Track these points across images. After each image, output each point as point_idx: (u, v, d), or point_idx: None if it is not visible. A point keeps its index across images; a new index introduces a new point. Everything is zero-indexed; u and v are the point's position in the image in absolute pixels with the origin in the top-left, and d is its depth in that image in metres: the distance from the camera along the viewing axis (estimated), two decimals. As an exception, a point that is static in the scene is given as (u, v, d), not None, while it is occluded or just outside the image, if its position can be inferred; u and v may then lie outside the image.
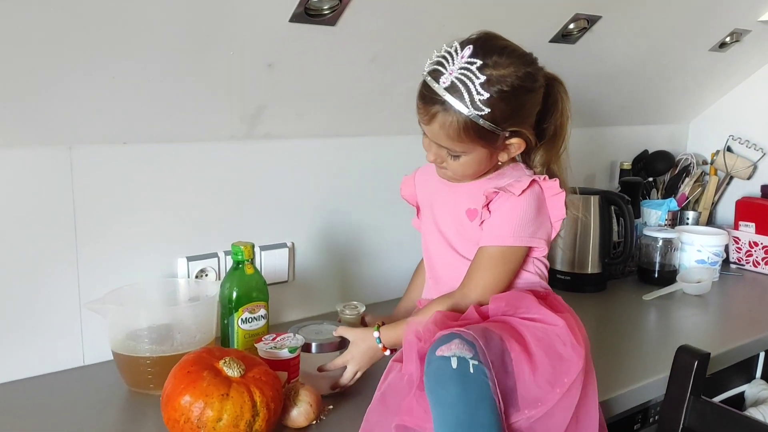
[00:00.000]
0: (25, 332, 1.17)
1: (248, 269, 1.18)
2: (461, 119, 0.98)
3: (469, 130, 0.98)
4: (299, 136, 1.44)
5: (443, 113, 0.99)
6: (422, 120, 1.03)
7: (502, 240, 1.04)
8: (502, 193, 1.03)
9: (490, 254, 1.05)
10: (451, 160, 1.05)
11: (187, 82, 1.19)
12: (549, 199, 1.06)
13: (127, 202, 1.25)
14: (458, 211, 1.10)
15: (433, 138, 1.03)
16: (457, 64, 0.97)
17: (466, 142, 1.00)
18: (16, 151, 1.13)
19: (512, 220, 1.03)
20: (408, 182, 1.25)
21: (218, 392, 0.91)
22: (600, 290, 1.75)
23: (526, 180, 1.04)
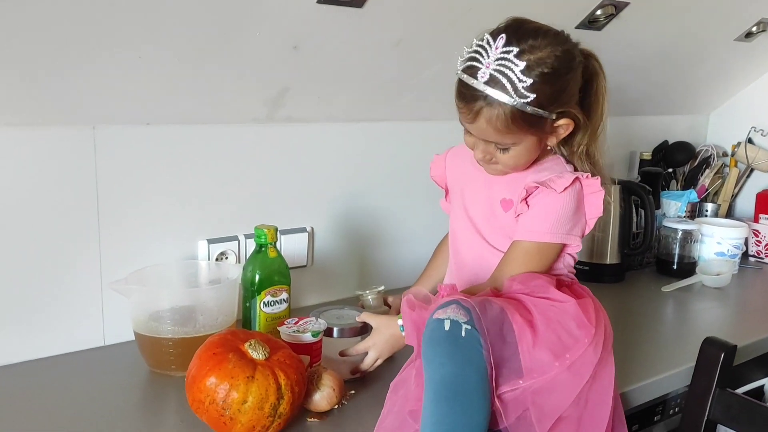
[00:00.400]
0: (47, 311, 1.18)
1: (271, 252, 1.18)
2: (507, 110, 0.95)
3: (517, 120, 0.96)
4: (321, 120, 1.43)
5: (488, 108, 0.96)
6: (465, 119, 1.00)
7: (539, 236, 1.02)
8: (542, 188, 1.01)
9: (525, 249, 1.03)
10: (501, 154, 1.02)
11: (212, 63, 1.18)
12: (587, 197, 1.04)
13: (150, 183, 1.25)
14: (492, 200, 1.09)
15: (480, 135, 1.01)
16: (492, 56, 0.95)
17: (516, 133, 0.98)
18: (39, 131, 1.13)
19: (551, 217, 1.02)
20: (439, 162, 1.22)
21: (244, 374, 0.91)
22: (618, 281, 1.74)
23: (569, 177, 1.01)
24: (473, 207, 1.12)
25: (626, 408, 1.11)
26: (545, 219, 1.02)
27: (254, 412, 0.90)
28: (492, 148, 1.02)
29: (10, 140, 1.10)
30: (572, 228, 1.04)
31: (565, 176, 1.02)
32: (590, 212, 1.05)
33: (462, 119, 1.01)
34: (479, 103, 0.96)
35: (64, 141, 1.15)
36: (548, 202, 1.01)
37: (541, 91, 0.95)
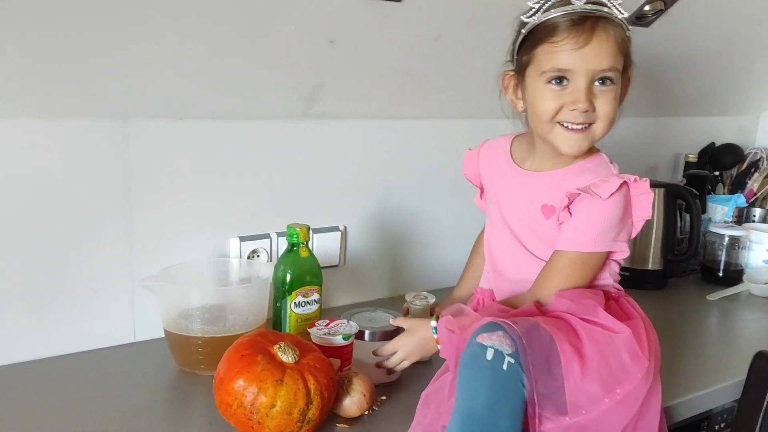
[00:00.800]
0: (78, 306, 1.17)
1: (303, 252, 1.15)
2: (618, 29, 0.93)
3: (625, 42, 0.94)
4: (356, 116, 1.40)
5: (603, 22, 0.92)
6: (578, 43, 0.92)
7: (583, 245, 0.97)
8: (585, 195, 0.95)
9: (568, 259, 0.97)
10: (601, 99, 0.94)
11: (246, 57, 1.16)
12: (635, 199, 0.98)
13: (182, 179, 1.23)
14: (532, 206, 1.02)
15: (589, 63, 0.92)
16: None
17: (621, 59, 0.95)
18: (71, 122, 1.12)
19: (595, 225, 0.96)
20: (471, 159, 1.16)
21: (272, 378, 0.88)
22: (660, 288, 1.68)
23: (615, 181, 0.95)
24: (511, 212, 1.06)
25: (670, 423, 1.05)
26: (590, 228, 0.96)
27: (282, 417, 0.88)
28: (596, 92, 0.94)
29: (41, 132, 1.10)
30: (618, 234, 0.98)
31: (611, 181, 0.96)
32: (637, 214, 1.00)
33: (568, 49, 0.92)
34: (590, 21, 0.92)
35: (95, 134, 1.14)
36: (592, 209, 0.95)
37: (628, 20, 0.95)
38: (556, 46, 0.93)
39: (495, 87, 1.07)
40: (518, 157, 1.07)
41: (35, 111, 1.08)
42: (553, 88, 0.95)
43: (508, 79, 1.04)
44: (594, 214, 0.96)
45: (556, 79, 0.95)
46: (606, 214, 0.96)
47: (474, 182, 1.17)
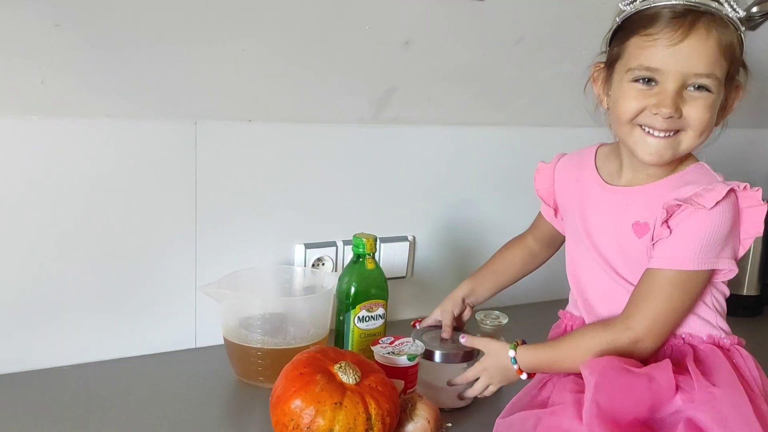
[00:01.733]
0: (141, 309, 1.15)
1: (369, 264, 1.10)
2: (724, 29, 0.83)
3: (733, 46, 0.84)
4: (429, 122, 1.33)
5: (706, 19, 0.82)
6: (673, 38, 0.82)
7: (682, 263, 0.84)
8: (686, 206, 0.84)
9: (665, 279, 0.85)
10: (692, 104, 0.84)
11: (317, 59, 1.12)
12: (744, 211, 0.86)
13: (249, 182, 1.20)
14: (622, 225, 0.90)
15: (682, 65, 0.83)
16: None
17: (723, 67, 0.84)
18: (141, 123, 1.10)
19: (698, 240, 0.83)
20: (546, 173, 1.05)
21: (331, 400, 0.83)
22: (755, 315, 1.54)
23: (720, 188, 0.83)
24: (599, 233, 0.94)
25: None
26: (691, 242, 0.84)
27: (340, 442, 0.82)
28: (686, 97, 0.84)
29: (112, 131, 1.08)
30: (722, 250, 0.85)
31: (717, 188, 0.83)
32: (746, 230, 0.87)
33: (663, 45, 0.83)
34: (691, 16, 0.82)
35: (165, 134, 1.12)
36: (696, 222, 0.83)
37: (743, 22, 0.85)
38: (649, 40, 0.83)
39: (576, 93, 0.98)
40: (605, 170, 0.96)
41: (108, 111, 1.07)
42: (639, 87, 0.86)
43: (598, 72, 0.94)
44: (697, 227, 0.83)
45: (644, 78, 0.85)
46: (711, 227, 0.83)
47: (546, 200, 1.06)
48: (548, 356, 0.91)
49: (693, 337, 0.90)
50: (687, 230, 0.84)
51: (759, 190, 0.86)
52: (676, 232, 0.85)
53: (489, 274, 1.13)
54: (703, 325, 0.90)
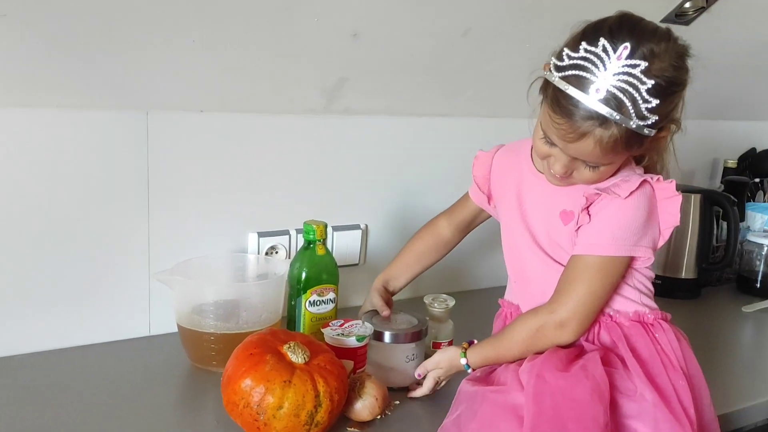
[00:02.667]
0: (94, 298, 1.16)
1: (319, 250, 1.12)
2: (623, 133, 0.82)
3: (630, 141, 0.83)
4: (380, 112, 1.37)
5: (600, 129, 0.82)
6: (565, 138, 0.85)
7: (602, 249, 0.90)
8: (605, 195, 0.90)
9: (586, 265, 0.91)
10: (587, 171, 0.89)
11: (268, 50, 1.14)
12: (661, 202, 0.92)
13: (201, 172, 1.21)
14: (551, 212, 0.96)
15: (577, 154, 0.87)
16: (610, 67, 0.80)
17: (621, 154, 0.86)
18: (93, 113, 1.11)
19: (614, 226, 0.89)
20: (484, 161, 1.09)
21: (281, 378, 0.86)
22: (693, 297, 1.61)
23: (635, 179, 0.89)
24: (534, 218, 0.99)
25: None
26: (608, 229, 0.90)
27: (290, 419, 0.85)
28: (578, 165, 0.89)
29: (63, 122, 1.09)
30: (641, 239, 0.91)
31: (632, 179, 0.90)
32: (665, 221, 0.93)
33: (557, 135, 0.86)
34: (587, 123, 0.82)
35: (116, 125, 1.13)
36: (612, 210, 0.89)
37: (661, 111, 0.82)
38: (553, 123, 0.86)
39: (523, 85, 1.02)
40: (537, 162, 1.01)
41: (58, 102, 1.07)
42: (544, 142, 0.90)
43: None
44: (614, 215, 0.90)
45: (547, 138, 0.89)
46: (627, 215, 0.89)
47: (482, 186, 1.11)
48: (491, 353, 0.97)
49: (620, 314, 0.95)
50: (605, 218, 0.90)
51: (672, 182, 0.91)
52: (596, 219, 0.91)
53: (401, 267, 1.19)
54: (629, 304, 0.96)
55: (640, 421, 0.86)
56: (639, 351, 0.92)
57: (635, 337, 0.93)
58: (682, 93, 0.87)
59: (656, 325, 0.95)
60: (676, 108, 0.88)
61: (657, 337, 0.93)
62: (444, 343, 1.16)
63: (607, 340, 0.94)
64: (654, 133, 0.85)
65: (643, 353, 0.91)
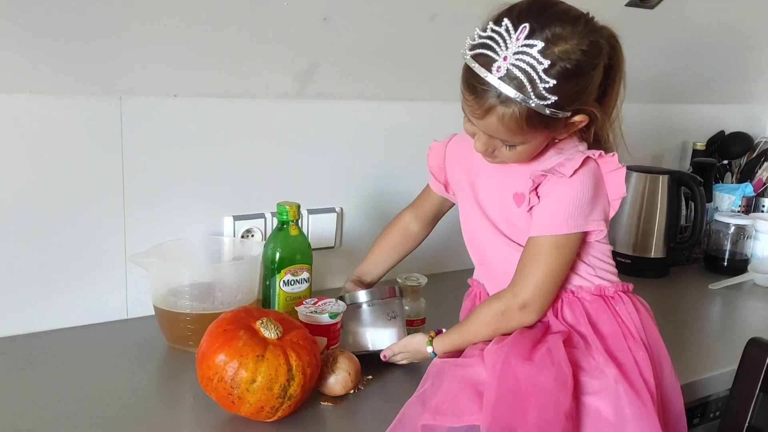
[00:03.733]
0: (71, 282, 1.17)
1: (293, 230, 1.14)
2: (523, 111, 0.85)
3: (533, 121, 0.86)
4: (353, 97, 1.39)
5: (501, 106, 0.86)
6: (473, 113, 0.89)
7: (555, 228, 0.93)
8: (550, 176, 0.92)
9: (541, 245, 0.93)
10: (506, 150, 0.92)
11: (240, 34, 1.16)
12: (606, 176, 0.95)
13: (176, 156, 1.23)
14: (504, 195, 0.99)
15: (488, 131, 0.91)
16: (511, 47, 0.83)
17: (527, 133, 0.88)
18: (66, 99, 1.12)
19: (564, 205, 0.92)
20: (437, 150, 1.12)
21: (253, 353, 0.88)
22: (662, 276, 1.66)
23: (578, 157, 0.91)
24: (489, 204, 1.02)
25: (662, 410, 1.04)
26: (558, 209, 0.92)
27: (263, 393, 0.88)
28: (497, 143, 0.92)
29: (36, 108, 1.10)
30: (591, 212, 0.94)
31: (575, 158, 0.92)
32: (612, 192, 0.95)
33: (467, 111, 0.91)
34: (491, 99, 0.86)
35: (90, 110, 1.14)
36: (559, 189, 0.92)
37: (562, 92, 0.84)
38: (464, 102, 0.91)
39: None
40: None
41: (31, 87, 1.08)
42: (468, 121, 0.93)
43: None
44: (562, 194, 0.92)
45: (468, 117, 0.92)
46: (574, 192, 0.92)
47: (437, 176, 1.13)
48: (458, 339, 1.00)
49: (582, 289, 0.98)
50: (554, 198, 0.93)
51: (614, 155, 0.94)
52: (545, 200, 0.93)
53: (372, 263, 1.22)
54: (590, 278, 0.99)
55: (602, 399, 0.89)
56: (600, 326, 0.95)
57: (597, 312, 0.96)
58: (593, 81, 0.88)
59: (617, 297, 0.98)
60: (589, 93, 0.89)
61: (618, 309, 0.97)
62: (417, 321, 1.19)
63: (570, 317, 0.97)
64: (563, 114, 0.87)
65: (604, 328, 0.95)
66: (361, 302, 1.08)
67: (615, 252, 1.62)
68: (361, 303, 1.08)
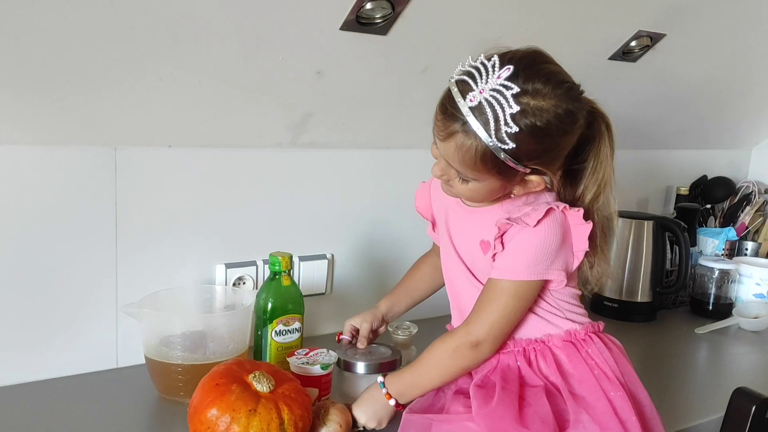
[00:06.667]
0: (62, 331, 1.17)
1: (285, 281, 1.15)
2: (480, 147, 0.87)
3: (486, 161, 0.88)
4: (345, 146, 1.41)
5: (462, 135, 0.87)
6: (438, 134, 0.91)
7: (515, 274, 0.94)
8: (515, 225, 0.93)
9: (500, 288, 0.95)
10: (459, 182, 0.94)
11: (235, 86, 1.18)
12: (573, 228, 0.96)
13: (169, 205, 1.24)
14: (472, 241, 1.01)
15: (446, 156, 0.92)
16: (490, 82, 0.85)
17: (480, 171, 0.90)
18: (61, 150, 1.13)
19: (527, 254, 0.93)
20: (423, 191, 1.14)
21: (246, 407, 0.88)
22: (649, 320, 1.68)
23: (542, 208, 0.92)
24: (461, 245, 1.04)
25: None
26: (521, 256, 0.94)
27: (255, 447, 0.88)
28: (453, 173, 0.93)
29: (31, 158, 1.11)
30: (552, 263, 0.95)
31: (540, 208, 0.93)
32: (577, 245, 0.97)
33: (435, 130, 0.92)
34: (456, 125, 0.88)
35: (85, 161, 1.16)
36: (523, 238, 0.93)
37: (524, 144, 0.86)
38: (435, 117, 0.93)
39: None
40: None
41: (27, 138, 1.10)
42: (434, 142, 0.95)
43: None
44: (525, 242, 0.93)
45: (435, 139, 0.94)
46: (537, 242, 0.93)
47: (425, 216, 1.15)
48: (410, 376, 0.99)
49: (552, 337, 0.99)
50: (517, 245, 0.94)
51: (580, 210, 0.95)
52: (509, 247, 0.95)
53: (404, 292, 1.22)
54: (559, 323, 1.00)
55: None
56: (571, 373, 0.96)
57: (569, 358, 0.97)
58: (559, 148, 0.90)
59: (588, 340, 0.99)
60: (551, 161, 0.91)
61: (590, 352, 0.98)
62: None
63: (544, 368, 0.97)
64: (519, 167, 0.88)
65: (576, 374, 0.96)
66: (355, 371, 1.07)
67: (603, 297, 1.66)
68: (353, 369, 1.07)
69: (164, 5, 1.00)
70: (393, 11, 1.14)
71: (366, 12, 1.13)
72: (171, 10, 1.01)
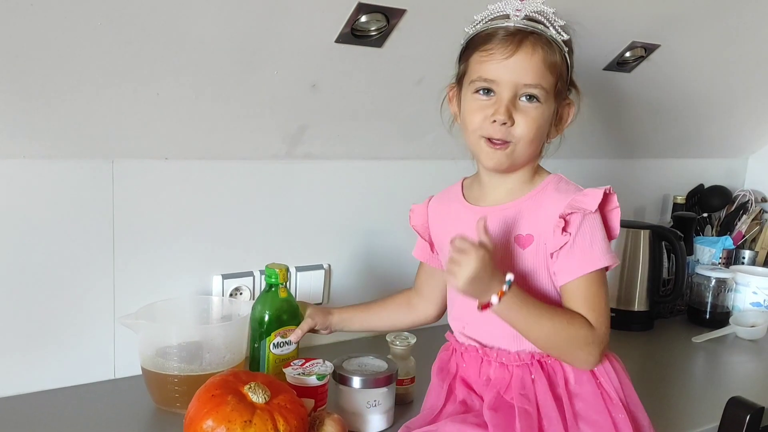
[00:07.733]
0: (58, 342, 1.18)
1: (281, 293, 1.16)
2: (553, 44, 0.94)
3: (556, 60, 0.95)
4: (341, 157, 1.42)
5: (533, 37, 0.94)
6: (505, 52, 0.93)
7: (597, 262, 0.94)
8: (577, 212, 0.93)
9: (590, 282, 0.94)
10: (522, 114, 0.94)
11: (231, 99, 1.19)
12: (609, 213, 0.97)
13: (166, 218, 1.25)
14: (503, 240, 0.97)
15: (515, 72, 0.93)
16: (527, 5, 0.95)
17: (550, 79, 0.94)
18: (58, 163, 1.14)
19: (598, 239, 0.94)
20: (419, 211, 1.12)
21: (241, 418, 0.89)
22: (646, 329, 1.68)
23: (598, 192, 0.93)
24: None
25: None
26: (595, 243, 0.93)
27: (251, 458, 0.88)
28: (517, 103, 0.94)
29: (29, 172, 1.12)
30: (609, 245, 0.96)
31: (592, 192, 0.93)
32: (611, 230, 0.97)
33: (494, 61, 0.93)
34: (519, 36, 0.93)
35: (82, 174, 1.16)
36: (590, 224, 0.94)
37: (568, 45, 0.96)
38: (485, 55, 0.95)
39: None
40: (472, 197, 1.05)
41: (25, 152, 1.11)
42: (480, 99, 0.96)
43: (452, 92, 1.05)
44: (593, 229, 0.94)
45: (484, 89, 0.96)
46: (600, 226, 0.95)
47: (423, 234, 1.13)
48: (535, 309, 0.92)
49: None
50: (587, 233, 0.94)
51: (614, 194, 0.96)
52: (580, 237, 0.93)
53: (364, 315, 1.21)
54: None
55: None
56: (581, 392, 0.95)
57: (577, 376, 0.96)
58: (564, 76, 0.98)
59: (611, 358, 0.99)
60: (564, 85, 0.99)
61: (596, 373, 0.96)
62: (406, 380, 1.19)
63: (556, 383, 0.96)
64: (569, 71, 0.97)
65: (586, 396, 0.95)
66: (352, 386, 1.06)
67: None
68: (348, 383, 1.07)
69: (161, 21, 1.01)
70: (388, 24, 1.15)
71: (361, 25, 1.14)
72: (167, 25, 1.02)
